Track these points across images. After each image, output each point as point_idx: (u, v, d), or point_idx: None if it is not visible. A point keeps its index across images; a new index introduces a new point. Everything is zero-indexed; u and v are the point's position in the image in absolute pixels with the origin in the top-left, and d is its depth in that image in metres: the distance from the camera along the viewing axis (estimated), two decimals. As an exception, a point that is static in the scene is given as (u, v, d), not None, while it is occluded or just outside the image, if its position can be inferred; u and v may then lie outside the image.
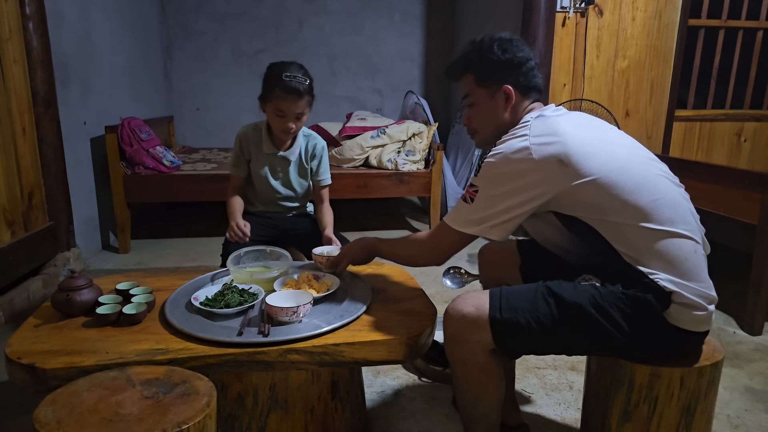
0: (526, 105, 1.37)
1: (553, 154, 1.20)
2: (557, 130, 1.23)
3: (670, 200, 1.23)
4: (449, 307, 1.29)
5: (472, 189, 1.30)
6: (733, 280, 2.55)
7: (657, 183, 1.25)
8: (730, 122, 3.86)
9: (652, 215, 1.19)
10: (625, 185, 1.19)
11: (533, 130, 1.25)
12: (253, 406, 1.37)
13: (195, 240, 3.72)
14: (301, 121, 1.91)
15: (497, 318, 1.22)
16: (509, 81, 1.34)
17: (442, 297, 2.67)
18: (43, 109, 2.73)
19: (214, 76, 5.01)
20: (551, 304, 1.22)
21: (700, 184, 2.53)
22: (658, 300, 1.17)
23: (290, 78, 1.80)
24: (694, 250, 1.22)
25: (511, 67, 1.34)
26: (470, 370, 1.29)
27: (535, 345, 1.27)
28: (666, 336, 1.20)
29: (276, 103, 1.84)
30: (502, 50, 1.34)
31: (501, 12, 3.89)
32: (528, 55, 1.37)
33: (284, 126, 1.88)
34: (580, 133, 1.25)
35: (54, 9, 2.85)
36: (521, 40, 1.39)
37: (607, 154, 1.23)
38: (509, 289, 1.28)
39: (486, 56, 1.35)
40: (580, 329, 1.21)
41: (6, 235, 2.48)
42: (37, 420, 0.97)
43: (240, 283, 1.53)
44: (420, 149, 3.73)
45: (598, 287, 1.23)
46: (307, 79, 1.83)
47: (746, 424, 1.75)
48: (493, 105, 1.37)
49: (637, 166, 1.25)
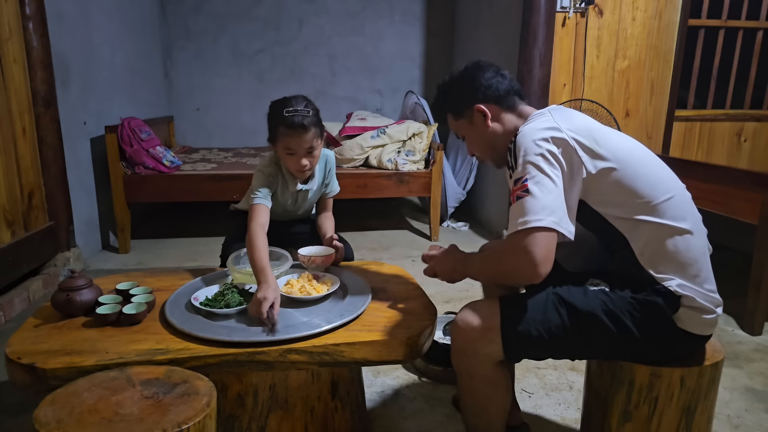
0: (514, 110, 1.37)
1: (583, 129, 1.21)
2: (578, 116, 1.27)
3: (683, 198, 1.24)
4: (458, 318, 1.27)
5: (519, 184, 1.17)
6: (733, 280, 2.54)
7: (671, 180, 1.26)
8: (730, 122, 3.86)
9: (668, 212, 1.19)
10: (646, 177, 1.20)
11: (555, 115, 1.26)
12: (253, 406, 1.37)
13: (195, 240, 3.72)
14: (314, 156, 1.75)
15: (509, 331, 1.20)
16: (476, 100, 1.37)
17: (442, 297, 2.67)
18: (43, 109, 2.74)
19: (214, 76, 5.01)
20: (563, 314, 1.20)
21: (700, 184, 2.52)
22: (668, 304, 1.17)
23: (292, 113, 1.66)
24: (704, 252, 1.22)
25: (468, 88, 1.38)
26: (478, 383, 1.28)
27: (542, 352, 1.26)
28: (675, 340, 1.20)
29: (283, 141, 1.70)
30: (455, 81, 1.42)
31: (501, 12, 3.89)
32: (478, 72, 1.38)
33: (298, 165, 1.73)
34: (597, 124, 1.28)
35: (54, 9, 2.85)
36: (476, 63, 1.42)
37: (627, 146, 1.24)
38: (518, 298, 1.26)
39: (446, 93, 1.44)
40: (591, 338, 1.21)
41: (6, 235, 2.48)
42: (37, 420, 0.97)
43: (240, 283, 1.53)
44: (420, 149, 3.73)
45: (608, 293, 1.22)
46: (310, 110, 1.69)
47: (746, 424, 1.75)
48: (476, 129, 1.40)
49: (653, 161, 1.26)
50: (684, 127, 3.78)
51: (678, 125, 3.74)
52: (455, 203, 4.19)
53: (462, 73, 1.41)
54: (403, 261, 3.25)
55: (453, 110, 1.43)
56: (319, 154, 1.79)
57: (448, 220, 4.22)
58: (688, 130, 3.80)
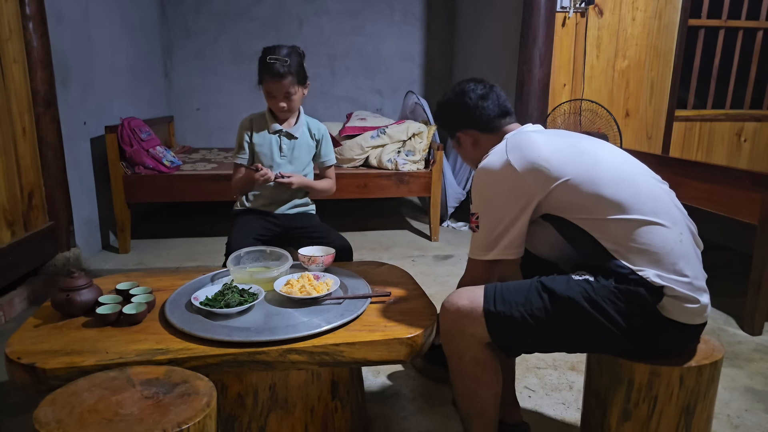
0: (497, 134, 1.46)
1: (530, 161, 1.28)
2: (531, 140, 1.33)
3: (650, 193, 1.27)
4: (445, 300, 1.32)
5: (473, 218, 1.37)
6: (733, 280, 2.55)
7: (635, 178, 1.29)
8: (730, 122, 3.86)
9: (634, 207, 1.22)
10: (602, 181, 1.25)
11: (509, 145, 1.34)
12: (253, 406, 1.37)
13: (195, 240, 3.72)
14: (293, 101, 2.02)
15: (491, 311, 1.24)
16: (460, 127, 1.50)
17: (441, 297, 2.66)
18: (43, 109, 2.73)
19: (214, 76, 5.01)
20: (545, 298, 1.24)
21: (700, 184, 2.53)
22: (650, 293, 1.19)
23: (273, 61, 1.92)
24: (679, 240, 1.24)
25: (453, 115, 1.51)
26: (466, 364, 1.31)
27: (531, 340, 1.28)
28: (662, 329, 1.21)
29: (265, 85, 1.99)
30: (444, 104, 1.52)
31: (501, 12, 3.89)
32: (462, 99, 1.47)
33: (276, 106, 2.02)
34: (553, 141, 1.34)
35: (54, 9, 2.85)
36: (466, 83, 1.49)
37: (577, 155, 1.30)
38: (504, 284, 1.31)
39: (437, 118, 1.58)
40: (575, 323, 1.23)
41: (6, 235, 2.48)
42: (37, 420, 0.97)
43: (240, 283, 1.53)
44: (420, 149, 3.73)
45: (591, 282, 1.24)
46: (288, 60, 1.93)
47: (746, 424, 1.75)
48: (462, 150, 1.55)
49: (613, 164, 1.30)
50: (684, 127, 3.78)
51: (678, 125, 3.75)
52: (455, 203, 4.19)
53: (449, 98, 1.51)
54: (403, 261, 3.25)
55: (444, 129, 1.58)
56: (299, 99, 2.06)
57: (448, 220, 4.22)
58: (688, 130, 3.81)
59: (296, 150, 2.13)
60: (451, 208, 4.20)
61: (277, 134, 2.11)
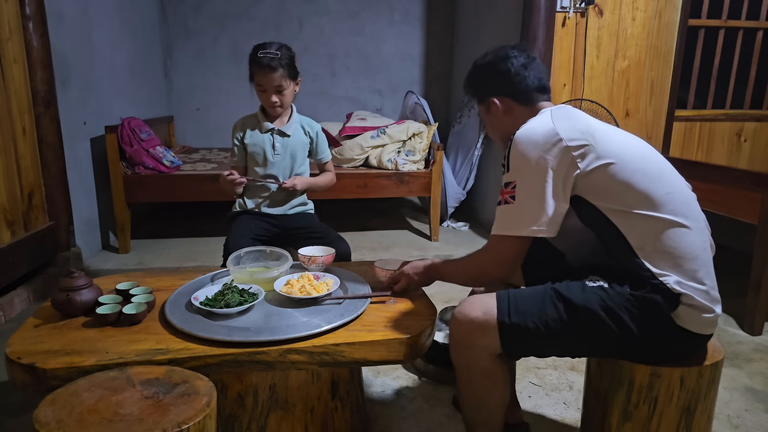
0: (531, 106, 1.38)
1: (580, 131, 1.22)
2: (579, 114, 1.28)
3: (684, 194, 1.25)
4: (456, 310, 1.28)
5: (508, 187, 1.24)
6: (733, 280, 2.54)
7: (672, 176, 1.27)
8: (730, 122, 3.86)
9: (667, 206, 1.19)
10: (645, 172, 1.21)
11: (555, 114, 1.28)
12: (253, 406, 1.37)
13: (195, 240, 3.72)
14: (284, 96, 2.02)
15: (505, 323, 1.21)
16: (494, 92, 1.40)
17: (442, 297, 2.67)
18: (43, 109, 2.73)
19: (214, 76, 5.01)
20: (560, 308, 1.20)
21: (700, 184, 2.50)
22: (667, 301, 1.16)
23: (263, 54, 1.94)
24: (704, 248, 1.22)
25: (489, 79, 1.41)
26: (476, 375, 1.28)
27: (540, 348, 1.27)
28: (673, 338, 1.20)
29: (256, 79, 2.00)
30: (481, 66, 1.43)
31: (501, 12, 3.89)
32: (503, 64, 1.38)
33: (268, 101, 2.01)
34: (598, 122, 1.29)
35: (54, 9, 2.85)
36: (510, 49, 1.41)
37: (627, 142, 1.27)
38: (516, 292, 1.27)
39: (471, 77, 1.47)
40: (589, 333, 1.21)
41: (6, 235, 2.48)
42: (37, 420, 0.97)
43: (240, 283, 1.53)
44: (420, 149, 3.73)
45: (606, 289, 1.21)
46: (279, 54, 1.94)
47: (746, 424, 1.75)
48: (492, 117, 1.44)
49: (654, 157, 1.27)
50: (684, 127, 3.78)
51: (678, 125, 3.74)
52: (455, 203, 4.19)
53: (489, 61, 1.41)
54: (403, 261, 3.25)
55: (474, 95, 1.48)
56: (291, 94, 2.05)
57: (448, 220, 4.22)
58: (688, 130, 3.80)
59: (290, 148, 2.13)
60: (451, 208, 4.20)
61: (270, 133, 2.11)
